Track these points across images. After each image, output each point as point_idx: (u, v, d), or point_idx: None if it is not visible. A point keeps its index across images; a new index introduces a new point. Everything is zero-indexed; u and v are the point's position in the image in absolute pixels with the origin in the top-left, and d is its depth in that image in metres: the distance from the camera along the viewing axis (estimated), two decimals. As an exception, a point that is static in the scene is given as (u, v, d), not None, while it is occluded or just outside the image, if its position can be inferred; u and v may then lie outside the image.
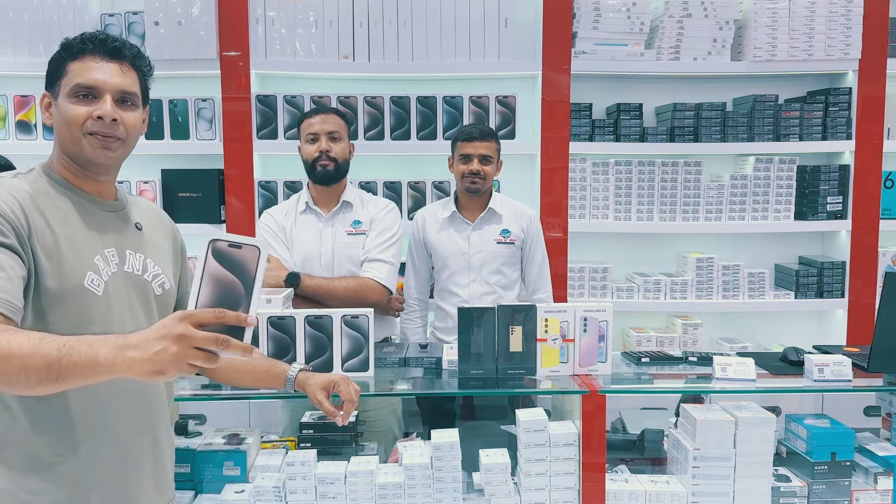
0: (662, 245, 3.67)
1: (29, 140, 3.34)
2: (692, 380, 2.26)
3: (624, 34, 3.39)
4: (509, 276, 2.85)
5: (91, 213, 1.45)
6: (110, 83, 1.41)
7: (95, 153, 1.41)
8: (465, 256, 2.84)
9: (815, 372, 2.14)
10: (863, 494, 2.09)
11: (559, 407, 2.29)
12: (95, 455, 1.40)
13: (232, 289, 1.14)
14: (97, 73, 1.41)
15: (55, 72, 1.44)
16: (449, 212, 2.88)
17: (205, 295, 1.14)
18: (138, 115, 1.47)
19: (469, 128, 2.85)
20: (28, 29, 3.29)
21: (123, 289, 1.45)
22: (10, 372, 1.14)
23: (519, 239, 2.86)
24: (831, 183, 3.47)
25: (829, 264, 3.49)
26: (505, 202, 2.91)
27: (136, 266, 1.48)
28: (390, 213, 2.68)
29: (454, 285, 2.85)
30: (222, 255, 1.15)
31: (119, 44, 1.44)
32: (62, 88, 1.42)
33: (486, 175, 2.78)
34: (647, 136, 3.46)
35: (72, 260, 1.37)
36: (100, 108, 1.40)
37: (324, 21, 3.31)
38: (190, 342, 1.10)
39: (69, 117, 1.40)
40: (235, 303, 1.14)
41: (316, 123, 2.58)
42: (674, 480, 2.12)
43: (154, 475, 1.51)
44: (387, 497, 2.00)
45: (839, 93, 3.47)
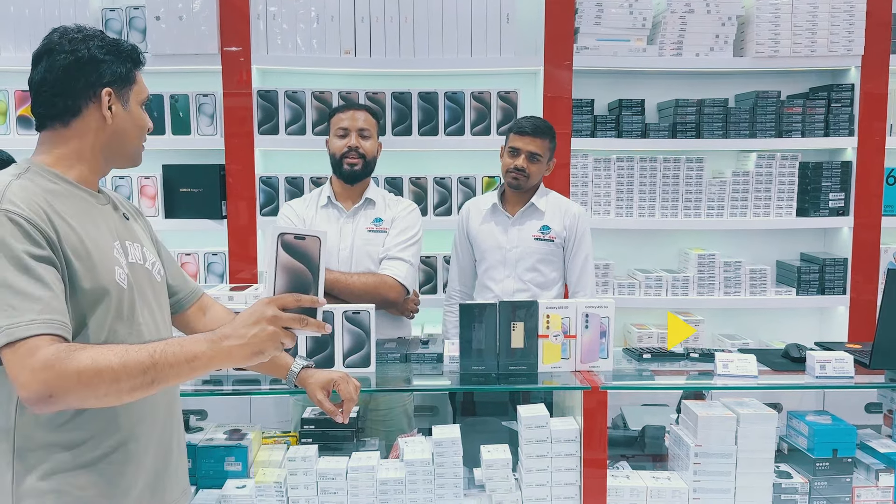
0: (664, 241, 3.66)
1: (30, 135, 3.33)
2: (694, 376, 2.26)
3: (626, 30, 3.38)
4: (547, 274, 2.77)
5: (94, 209, 1.44)
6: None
7: (138, 159, 1.54)
8: (503, 251, 2.78)
9: (816, 368, 2.14)
10: (864, 491, 2.09)
11: (560, 403, 2.29)
12: (138, 445, 1.42)
13: (302, 275, 1.28)
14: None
15: (126, 76, 1.47)
16: (491, 203, 2.82)
17: (280, 283, 1.28)
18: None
19: (523, 121, 2.74)
20: (29, 24, 3.28)
21: (138, 279, 1.46)
22: (101, 387, 1.22)
23: (560, 237, 2.77)
24: (833, 179, 3.47)
25: (831, 261, 3.48)
26: (551, 198, 2.83)
27: (138, 256, 1.49)
28: (412, 213, 2.66)
29: (489, 280, 2.79)
30: (290, 246, 1.28)
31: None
32: (133, 95, 1.49)
33: (531, 173, 2.71)
34: (649, 132, 3.45)
35: (99, 257, 1.37)
36: (148, 121, 1.53)
37: (325, 16, 3.30)
38: (281, 322, 1.25)
39: (141, 125, 1.50)
40: (306, 287, 1.28)
41: (346, 119, 2.56)
42: (675, 477, 2.12)
43: (180, 461, 1.56)
44: (388, 493, 2.00)
45: (842, 89, 3.46)
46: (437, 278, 3.41)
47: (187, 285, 1.73)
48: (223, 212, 3.35)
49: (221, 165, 3.34)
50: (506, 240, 2.78)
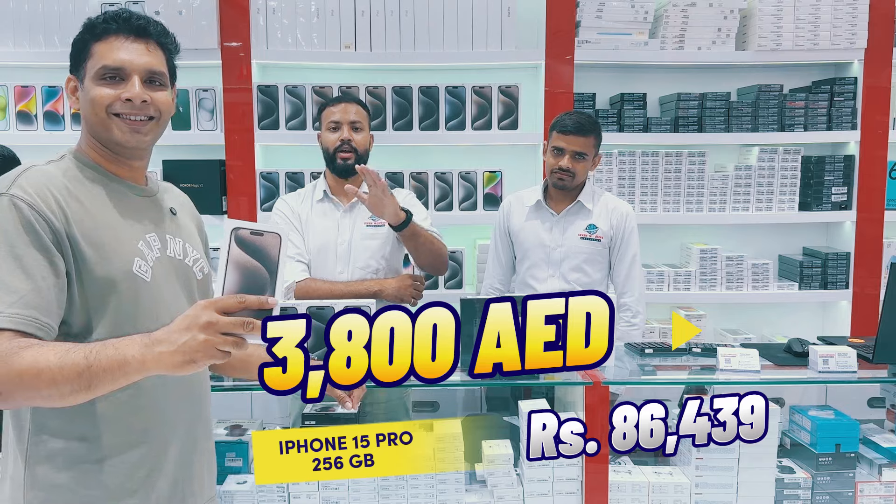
0: (666, 236, 3.65)
1: (29, 130, 3.32)
2: (696, 371, 2.25)
3: (628, 23, 3.36)
4: (592, 275, 2.67)
5: (127, 199, 1.41)
6: (137, 63, 1.36)
7: (126, 137, 1.37)
8: (546, 249, 2.68)
9: (819, 363, 2.13)
10: (867, 486, 2.08)
11: (562, 398, 2.29)
12: (155, 447, 1.39)
13: (256, 274, 1.18)
14: (123, 53, 1.35)
15: (79, 54, 1.39)
16: (535, 200, 2.72)
17: (230, 282, 1.17)
18: (167, 94, 1.42)
19: (567, 118, 2.60)
20: (28, 19, 3.27)
21: (169, 274, 1.42)
22: (42, 388, 1.16)
23: (607, 237, 2.66)
24: (836, 173, 3.46)
25: (834, 255, 3.47)
26: (598, 196, 2.73)
27: (178, 251, 1.45)
28: (414, 198, 2.69)
29: (532, 279, 2.70)
30: (245, 242, 1.18)
31: (144, 21, 1.39)
32: (88, 71, 1.37)
33: (577, 172, 2.59)
34: (651, 126, 3.44)
35: (115, 246, 1.34)
36: (128, 90, 1.35)
37: (325, 11, 3.29)
38: (217, 328, 1.12)
39: (96, 100, 1.35)
40: (261, 288, 1.17)
41: (338, 112, 2.54)
42: (677, 472, 2.11)
43: (205, 471, 1.52)
44: (389, 489, 2.00)
45: (844, 82, 3.44)
46: (439, 273, 3.39)
47: None
48: (224, 207, 3.35)
49: (222, 161, 3.33)
50: (550, 238, 2.68)
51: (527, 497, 2.04)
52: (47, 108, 3.32)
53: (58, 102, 3.32)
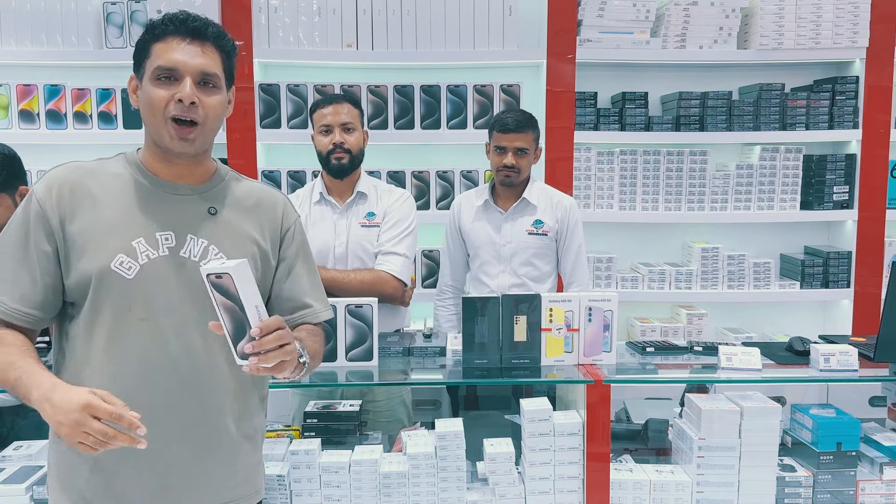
0: (667, 235, 3.65)
1: (31, 129, 3.33)
2: (697, 369, 2.25)
3: (629, 22, 3.36)
4: (541, 268, 2.79)
5: (154, 196, 1.44)
6: (190, 64, 1.40)
7: (173, 143, 1.41)
8: (496, 246, 2.79)
9: (821, 361, 2.13)
10: (868, 484, 2.08)
11: (563, 397, 2.29)
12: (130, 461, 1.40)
13: (236, 312, 1.27)
14: (178, 54, 1.39)
15: (140, 53, 1.43)
16: (482, 200, 2.82)
17: (226, 320, 1.28)
18: (221, 97, 1.45)
19: (505, 117, 2.71)
20: (31, 18, 3.27)
21: (168, 273, 1.42)
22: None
23: (553, 230, 2.78)
24: (838, 172, 3.45)
25: (835, 254, 3.47)
26: (542, 191, 2.83)
27: (195, 252, 1.44)
28: (405, 203, 2.62)
29: (484, 275, 2.81)
30: (217, 285, 1.26)
31: (200, 23, 1.42)
32: (146, 71, 1.41)
33: (522, 168, 2.71)
34: (653, 125, 3.44)
35: (105, 241, 1.39)
36: (180, 90, 1.38)
37: (327, 9, 3.29)
38: (82, 428, 1.21)
39: (151, 100, 1.40)
40: (241, 323, 1.27)
41: (329, 115, 2.52)
42: (678, 470, 2.11)
43: (205, 482, 1.47)
44: (391, 486, 2.00)
45: (846, 81, 3.44)
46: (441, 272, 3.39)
47: (290, 308, 1.58)
48: (225, 206, 3.34)
49: (224, 160, 3.32)
50: (499, 236, 2.79)
51: (528, 495, 2.04)
52: (49, 107, 3.32)
53: (60, 101, 3.32)
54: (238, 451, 1.51)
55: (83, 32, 3.29)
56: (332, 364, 2.15)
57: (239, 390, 1.50)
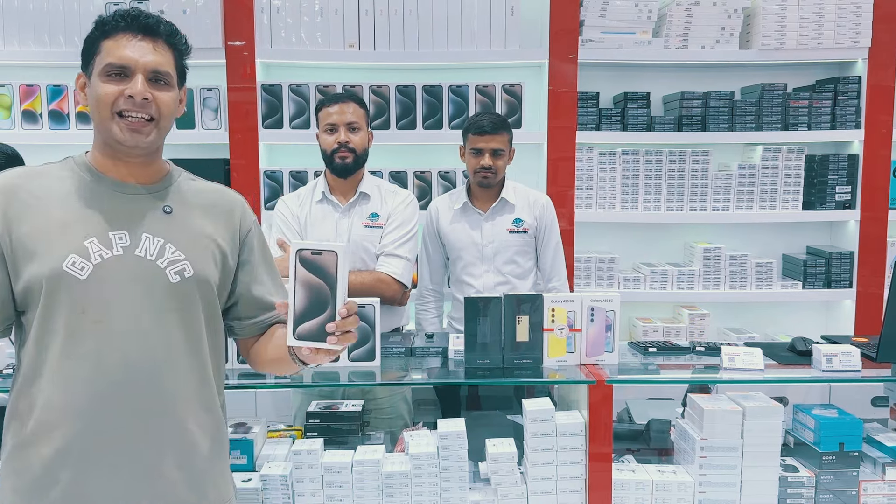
0: (669, 235, 3.65)
1: (34, 129, 3.33)
2: (699, 370, 2.25)
3: (631, 22, 3.36)
4: (523, 265, 2.83)
5: (105, 196, 1.40)
6: (142, 61, 1.37)
7: (124, 136, 1.37)
8: (478, 247, 2.81)
9: (823, 362, 2.13)
10: (871, 485, 2.08)
11: (566, 397, 2.29)
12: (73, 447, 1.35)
13: (320, 291, 1.27)
14: (129, 50, 1.37)
15: (89, 50, 1.41)
16: (461, 203, 2.85)
17: (299, 299, 1.28)
18: (173, 95, 1.43)
19: (479, 120, 2.75)
20: (33, 18, 3.28)
21: (123, 273, 1.37)
22: None
23: (532, 227, 2.82)
24: (840, 172, 3.45)
25: (838, 254, 3.47)
26: (518, 190, 2.87)
27: (151, 251, 1.39)
28: (409, 206, 2.63)
29: (468, 276, 2.83)
30: (307, 262, 1.28)
31: (152, 20, 1.40)
32: (95, 68, 1.38)
33: (498, 169, 2.74)
34: (655, 125, 3.44)
35: (55, 242, 1.34)
36: (130, 86, 1.36)
37: (329, 10, 3.29)
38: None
39: (100, 97, 1.37)
40: (324, 303, 1.27)
41: (334, 114, 2.53)
42: (681, 470, 2.11)
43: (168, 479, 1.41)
44: (393, 486, 2.00)
45: (848, 81, 3.44)
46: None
47: (256, 311, 1.55)
48: (228, 206, 3.35)
49: (226, 160, 3.33)
50: (480, 236, 2.81)
51: (531, 495, 2.04)
52: (52, 107, 3.32)
53: (62, 101, 3.33)
54: (202, 455, 1.45)
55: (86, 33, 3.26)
56: (334, 364, 2.15)
57: (200, 391, 1.45)
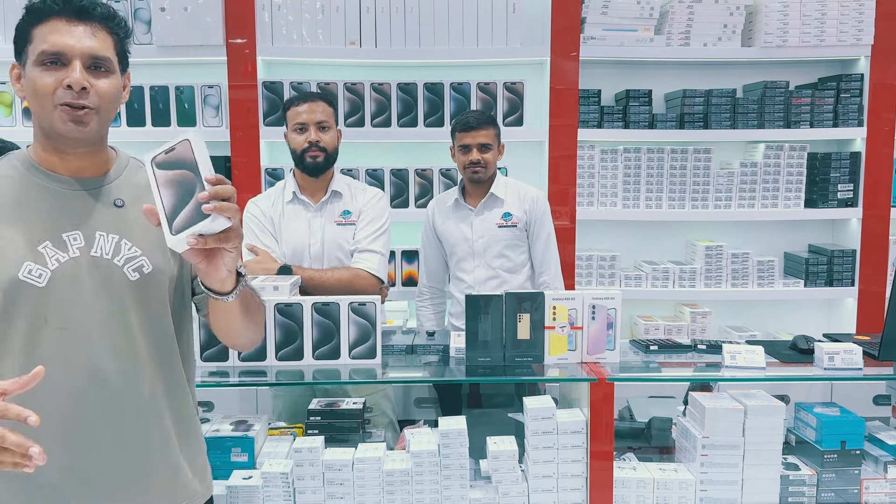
0: (671, 233, 3.65)
1: (36, 127, 3.33)
2: (701, 368, 2.25)
3: (633, 19, 3.36)
4: (514, 259, 2.85)
5: (53, 195, 1.33)
6: (78, 47, 1.28)
7: (67, 127, 1.29)
8: (469, 242, 2.85)
9: (825, 360, 2.13)
10: (872, 483, 2.08)
11: (567, 395, 2.29)
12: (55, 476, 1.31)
13: (185, 181, 1.19)
14: (64, 37, 1.27)
15: (21, 38, 1.31)
16: (453, 199, 2.89)
17: (166, 200, 1.20)
18: (113, 81, 1.33)
19: (465, 116, 2.81)
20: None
21: (81, 276, 1.32)
22: None
23: (522, 221, 2.84)
24: (842, 170, 3.44)
25: (840, 252, 3.46)
26: (509, 185, 2.89)
27: (107, 249, 1.34)
28: (379, 202, 2.63)
29: (461, 271, 2.87)
30: (164, 164, 1.20)
31: (86, 3, 1.30)
32: (29, 56, 1.29)
33: (487, 163, 2.78)
34: (657, 122, 3.43)
35: (8, 251, 1.28)
36: (68, 75, 1.27)
37: (330, 7, 3.29)
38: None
39: (37, 88, 1.28)
40: (192, 189, 1.19)
41: (304, 113, 2.52)
42: (682, 468, 2.11)
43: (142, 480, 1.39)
44: (394, 484, 2.00)
45: (851, 79, 3.43)
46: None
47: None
48: (229, 203, 3.34)
49: (227, 157, 3.33)
50: (470, 231, 2.85)
51: (532, 493, 2.04)
52: (53, 105, 3.32)
53: (64, 99, 3.32)
54: (179, 453, 1.44)
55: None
56: (335, 362, 2.15)
57: (173, 389, 1.43)
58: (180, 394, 1.46)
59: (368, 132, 3.33)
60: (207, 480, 1.54)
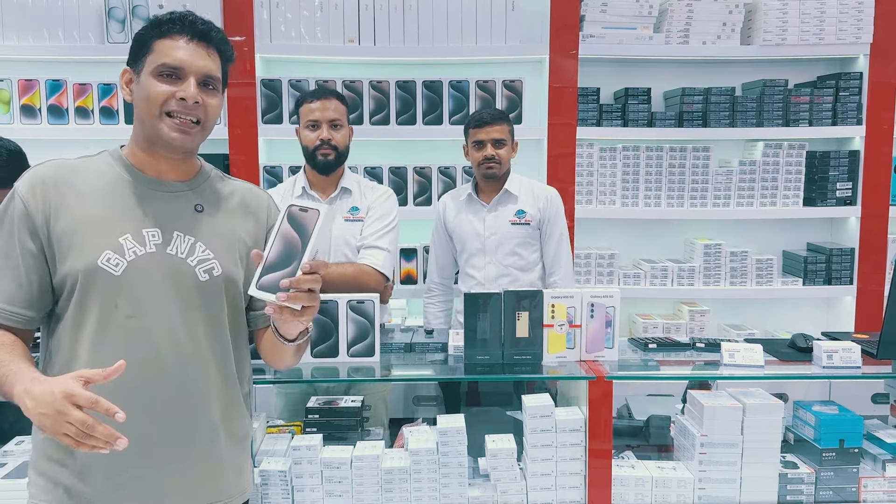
0: (670, 231, 3.65)
1: (33, 124, 3.32)
2: (699, 366, 2.24)
3: (632, 18, 3.35)
4: (526, 257, 2.83)
5: (140, 193, 1.43)
6: (196, 65, 1.41)
7: (173, 135, 1.40)
8: (481, 238, 2.83)
9: (823, 358, 2.13)
10: (871, 481, 2.08)
11: (565, 393, 2.29)
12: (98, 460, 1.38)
13: (292, 245, 1.31)
14: (184, 53, 1.40)
15: (140, 48, 1.43)
16: (466, 194, 2.88)
17: (273, 251, 1.31)
18: (219, 100, 1.46)
19: (479, 113, 2.81)
20: (32, 13, 3.26)
21: (155, 270, 1.41)
22: None
23: (535, 219, 2.83)
24: (841, 169, 3.45)
25: (838, 251, 3.46)
26: (523, 183, 2.88)
27: (182, 249, 1.44)
28: (388, 199, 2.63)
29: (471, 268, 2.85)
30: (293, 217, 1.32)
31: (207, 27, 1.44)
32: (146, 65, 1.41)
33: (502, 158, 2.77)
34: (656, 121, 3.43)
35: (92, 238, 1.38)
36: (184, 89, 1.39)
37: (329, 4, 3.28)
38: (64, 418, 1.17)
39: (152, 95, 1.39)
40: (291, 257, 1.30)
41: (316, 110, 2.52)
42: (680, 467, 2.11)
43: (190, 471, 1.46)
44: (392, 482, 2.00)
45: (850, 77, 3.43)
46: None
47: (262, 303, 1.51)
48: (227, 201, 3.34)
49: (225, 155, 3.33)
50: (483, 227, 2.84)
51: (530, 491, 2.04)
52: (51, 102, 3.31)
53: (61, 96, 3.32)
54: (224, 449, 1.50)
55: (85, 27, 3.28)
56: (333, 359, 2.15)
57: (224, 387, 1.50)
58: (231, 393, 1.52)
59: (367, 130, 3.32)
60: (246, 481, 1.59)
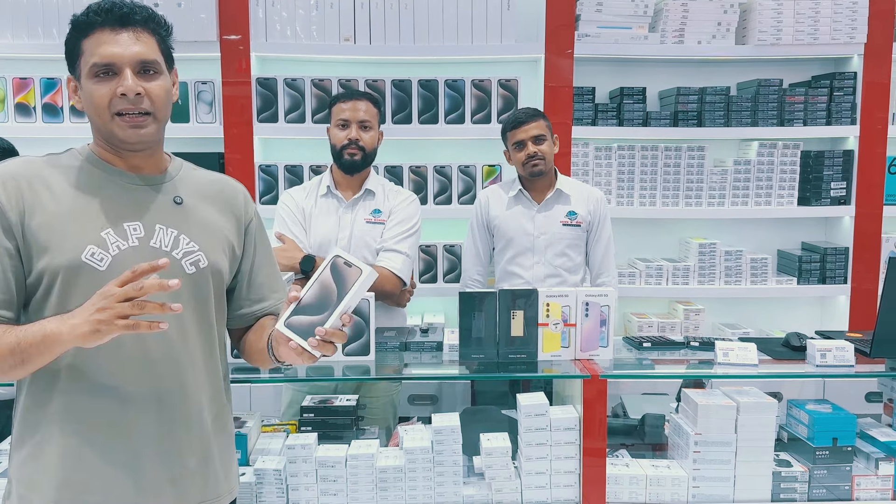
0: (665, 230, 3.65)
1: (28, 123, 3.32)
2: (694, 365, 2.25)
3: (628, 17, 3.36)
4: (574, 259, 2.81)
5: (115, 187, 1.40)
6: (126, 55, 1.34)
7: (127, 134, 1.36)
8: (531, 237, 2.80)
9: (817, 357, 2.13)
10: (864, 480, 2.09)
11: (560, 392, 2.29)
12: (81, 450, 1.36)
13: (328, 294, 1.31)
14: (111, 46, 1.33)
15: (71, 53, 1.39)
16: (515, 191, 2.83)
17: (309, 295, 1.32)
18: (163, 82, 1.39)
19: (513, 115, 2.81)
20: (27, 10, 3.25)
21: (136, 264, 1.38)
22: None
23: (586, 221, 2.81)
24: (835, 168, 3.46)
25: (832, 250, 3.47)
26: (573, 183, 2.87)
27: (166, 241, 1.41)
28: (411, 204, 2.63)
29: (517, 266, 2.81)
30: (336, 268, 1.32)
31: (127, 9, 1.35)
32: (82, 69, 1.36)
33: (545, 154, 2.74)
34: (651, 120, 3.44)
35: (73, 234, 1.34)
36: (121, 84, 1.33)
37: (324, 3, 3.28)
38: (113, 310, 1.19)
39: (95, 99, 1.35)
40: (324, 307, 1.30)
41: (347, 110, 2.53)
42: (675, 465, 2.12)
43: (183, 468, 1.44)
44: (387, 480, 2.00)
45: (844, 77, 3.44)
46: (437, 267, 3.40)
47: (251, 301, 1.58)
48: (222, 200, 3.34)
49: (220, 154, 3.32)
50: (533, 227, 2.80)
51: (525, 489, 2.05)
52: (46, 101, 3.31)
53: (56, 94, 3.31)
54: (214, 444, 1.49)
55: (80, 26, 3.27)
56: (328, 358, 2.14)
57: (211, 381, 1.50)
58: (217, 388, 1.52)
59: (363, 129, 3.32)
60: (234, 477, 1.58)
